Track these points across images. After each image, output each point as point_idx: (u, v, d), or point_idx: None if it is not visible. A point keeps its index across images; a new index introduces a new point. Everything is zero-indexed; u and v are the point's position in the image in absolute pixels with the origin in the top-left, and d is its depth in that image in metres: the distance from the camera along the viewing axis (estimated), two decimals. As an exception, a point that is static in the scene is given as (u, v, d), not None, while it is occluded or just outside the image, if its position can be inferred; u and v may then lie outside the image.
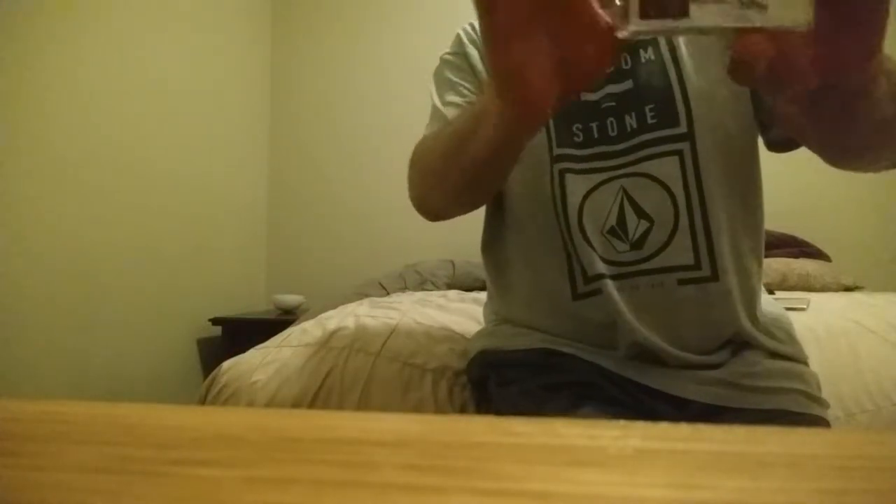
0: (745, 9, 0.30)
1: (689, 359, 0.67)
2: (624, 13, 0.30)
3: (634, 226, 0.66)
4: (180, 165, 2.09)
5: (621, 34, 0.31)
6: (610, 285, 0.67)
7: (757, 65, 0.32)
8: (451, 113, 0.71)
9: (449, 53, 0.77)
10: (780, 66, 0.32)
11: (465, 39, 0.75)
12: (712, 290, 0.66)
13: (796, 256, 2.00)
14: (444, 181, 0.63)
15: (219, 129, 2.33)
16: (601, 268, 0.67)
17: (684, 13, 0.29)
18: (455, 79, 0.73)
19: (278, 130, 2.73)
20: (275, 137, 2.73)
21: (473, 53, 0.74)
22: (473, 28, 0.76)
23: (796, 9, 0.30)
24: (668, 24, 0.29)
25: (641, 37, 0.32)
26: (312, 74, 2.71)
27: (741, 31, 0.31)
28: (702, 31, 0.30)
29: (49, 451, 0.16)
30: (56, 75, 1.60)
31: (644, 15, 0.30)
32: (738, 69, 0.32)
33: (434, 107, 0.74)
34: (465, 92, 0.73)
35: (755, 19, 0.30)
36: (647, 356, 0.67)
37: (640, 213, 0.66)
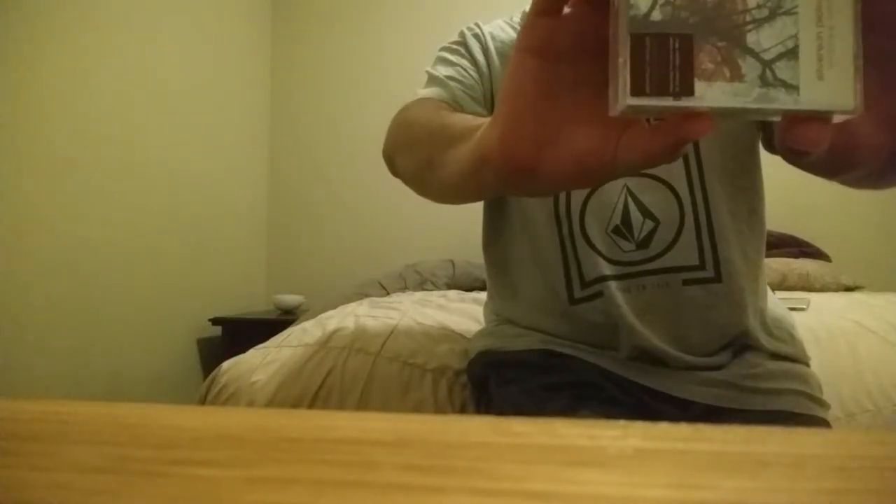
0: (767, 87, 0.25)
1: (691, 360, 0.67)
2: (615, 89, 0.26)
3: (640, 225, 0.66)
4: (180, 165, 2.09)
5: (612, 113, 0.26)
6: (613, 287, 0.67)
7: (814, 153, 0.26)
8: (448, 83, 0.69)
9: (450, 43, 0.76)
10: (843, 151, 0.28)
11: (468, 34, 0.75)
12: (716, 291, 0.66)
13: (796, 256, 2.00)
14: (413, 163, 0.58)
15: (219, 128, 2.33)
16: (604, 269, 0.67)
17: (687, 91, 0.25)
18: (453, 59, 0.72)
19: (278, 130, 2.73)
20: (275, 137, 2.73)
21: (475, 46, 0.73)
22: (478, 25, 0.76)
23: (839, 89, 0.24)
24: (668, 102, 0.25)
25: (639, 116, 0.27)
26: (312, 74, 2.71)
27: (784, 114, 0.25)
28: (714, 113, 0.25)
29: (49, 451, 0.16)
30: (56, 75, 1.60)
31: (637, 91, 0.25)
32: (791, 157, 0.27)
33: (431, 75, 0.71)
34: (464, 73, 0.71)
35: (782, 101, 0.25)
36: (649, 358, 0.67)
37: (646, 213, 0.66)
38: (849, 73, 0.24)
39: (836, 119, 0.25)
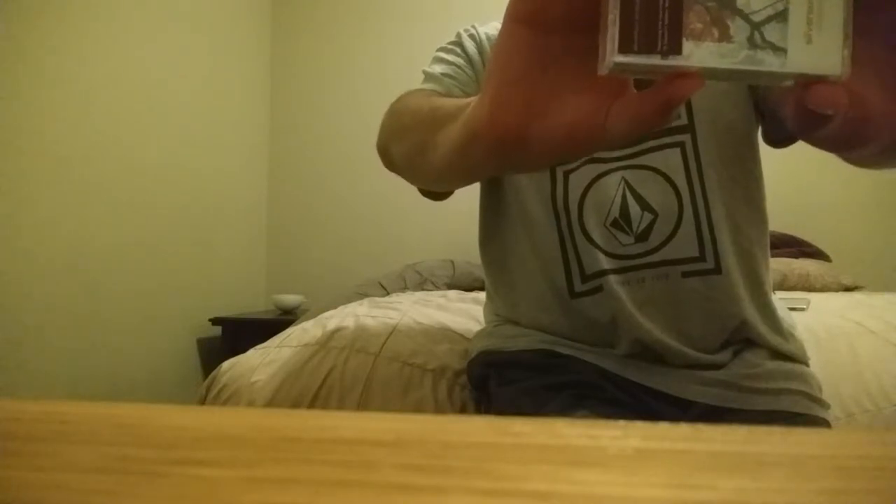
0: (755, 49, 0.25)
1: (692, 356, 0.67)
2: (605, 48, 0.26)
3: (638, 218, 0.66)
4: (180, 165, 2.09)
5: (600, 71, 0.27)
6: (612, 281, 0.67)
7: (827, 121, 0.26)
8: (444, 79, 0.69)
9: (447, 44, 0.76)
10: (856, 125, 0.28)
11: (464, 34, 0.75)
12: (716, 283, 0.66)
13: (796, 256, 2.00)
14: (406, 150, 0.57)
15: (219, 128, 2.33)
16: (603, 263, 0.67)
17: (675, 50, 0.25)
18: (449, 58, 0.73)
19: (278, 130, 2.73)
20: (275, 137, 2.73)
21: (470, 45, 0.73)
22: (474, 26, 0.76)
23: (827, 54, 0.25)
24: (655, 61, 0.25)
25: (628, 76, 0.28)
26: (312, 74, 2.71)
27: (802, 80, 0.25)
28: (702, 73, 0.26)
29: (49, 451, 0.16)
30: (56, 75, 1.60)
31: (625, 49, 0.25)
32: (805, 129, 0.27)
33: (427, 73, 0.71)
34: (459, 71, 0.71)
35: (769, 63, 0.25)
36: (649, 354, 0.67)
37: (644, 205, 0.66)
38: (837, 39, 0.25)
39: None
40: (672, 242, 0.66)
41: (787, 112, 0.28)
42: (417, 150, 0.51)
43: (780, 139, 0.67)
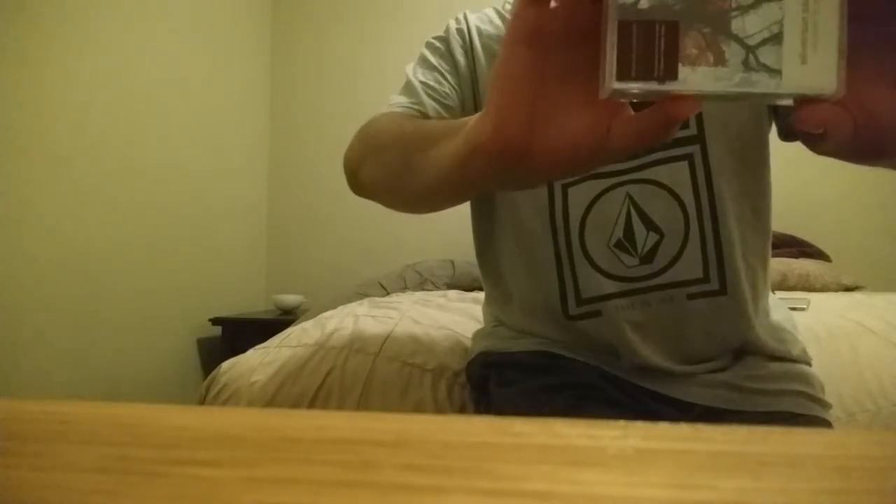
0: (749, 72, 0.25)
1: (693, 370, 0.66)
2: (604, 74, 0.27)
3: (643, 238, 0.64)
4: (180, 165, 2.09)
5: (601, 96, 0.27)
6: (613, 306, 0.65)
7: (832, 137, 0.26)
8: (422, 93, 0.67)
9: (434, 38, 0.75)
10: (869, 138, 0.27)
11: (452, 29, 0.73)
12: (722, 304, 0.64)
13: (796, 256, 2.00)
14: (384, 171, 0.56)
15: (219, 128, 2.33)
16: (605, 287, 0.65)
17: (671, 76, 0.25)
18: (433, 61, 0.71)
19: (278, 130, 2.73)
20: (275, 137, 2.73)
21: (457, 44, 0.72)
22: (465, 17, 0.74)
23: (822, 72, 0.25)
24: (652, 87, 0.26)
25: (627, 100, 0.29)
26: (312, 74, 2.71)
27: (799, 100, 0.26)
28: (698, 96, 0.26)
29: (49, 451, 0.16)
30: (55, 75, 1.60)
31: (623, 76, 0.26)
32: (811, 143, 0.27)
33: (407, 80, 0.70)
34: (440, 79, 0.69)
35: (764, 85, 0.25)
36: (650, 367, 0.66)
37: (649, 225, 0.64)
38: (832, 57, 0.25)
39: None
40: (678, 264, 0.63)
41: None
42: (403, 169, 0.50)
43: (793, 133, 0.63)
